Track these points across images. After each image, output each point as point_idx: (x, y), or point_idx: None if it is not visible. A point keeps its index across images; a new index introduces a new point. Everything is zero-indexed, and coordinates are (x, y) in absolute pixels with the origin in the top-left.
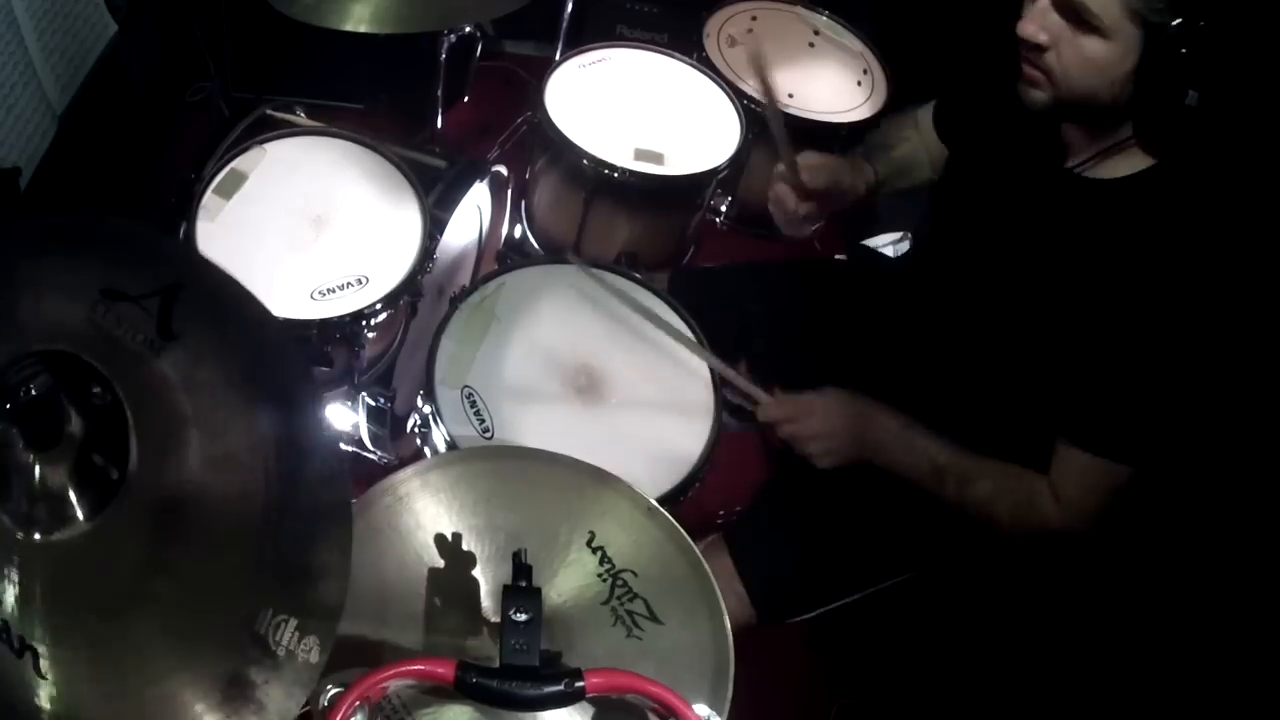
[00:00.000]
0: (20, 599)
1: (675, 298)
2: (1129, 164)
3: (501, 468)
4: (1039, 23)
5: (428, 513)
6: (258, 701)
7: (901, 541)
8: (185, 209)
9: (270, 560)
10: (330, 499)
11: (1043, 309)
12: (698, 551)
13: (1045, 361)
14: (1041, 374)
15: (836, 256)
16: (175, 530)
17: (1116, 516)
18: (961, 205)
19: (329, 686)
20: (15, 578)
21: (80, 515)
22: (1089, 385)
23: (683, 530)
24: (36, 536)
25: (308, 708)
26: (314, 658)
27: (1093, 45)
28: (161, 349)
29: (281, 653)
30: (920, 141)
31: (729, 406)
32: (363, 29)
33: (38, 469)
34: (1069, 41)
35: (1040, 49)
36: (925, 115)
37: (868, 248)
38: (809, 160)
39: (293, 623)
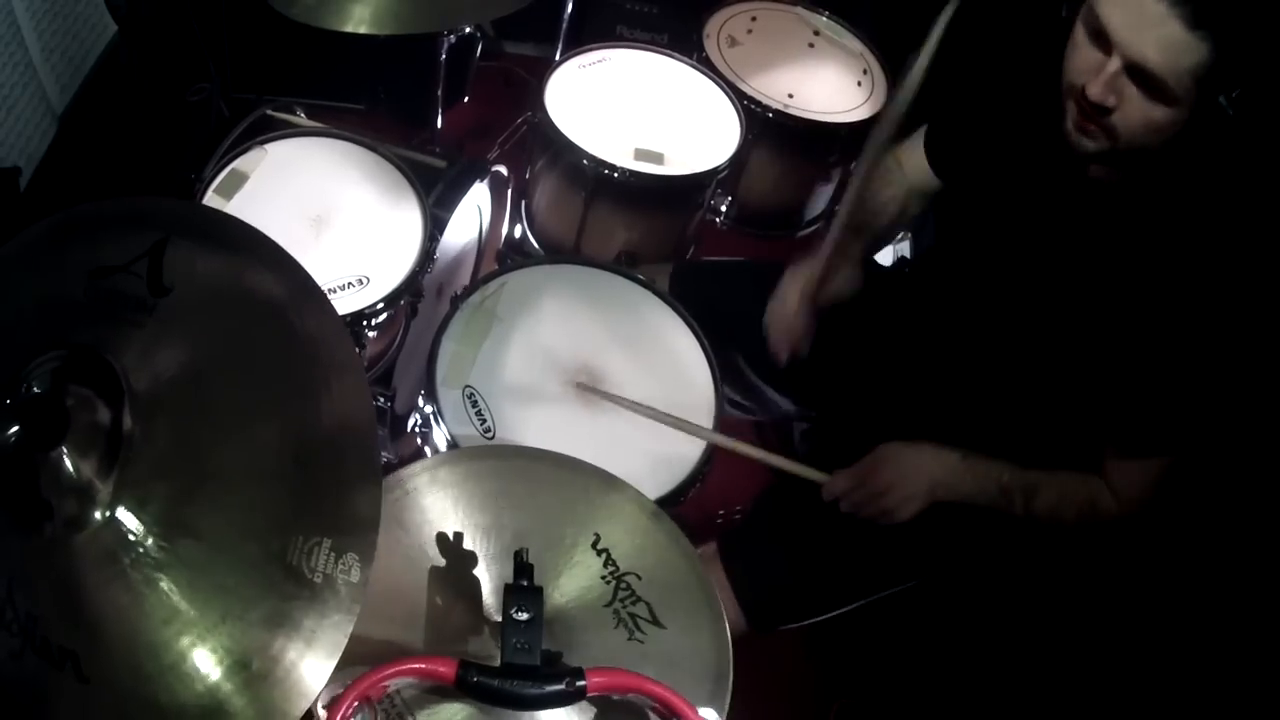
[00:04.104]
0: (56, 603)
1: (677, 290)
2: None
3: (509, 467)
4: (1110, 87)
5: (434, 509)
6: (305, 638)
7: (893, 554)
8: None
9: (292, 486)
10: (350, 406)
11: (1068, 312)
12: (700, 558)
13: (1061, 361)
14: (1056, 375)
15: None
16: (192, 485)
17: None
18: (970, 216)
19: (329, 686)
20: (48, 581)
21: (108, 497)
22: (1131, 395)
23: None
24: (62, 532)
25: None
26: (355, 576)
27: (1159, 111)
28: (155, 307)
29: (319, 579)
30: (903, 186)
31: (729, 400)
32: (363, 30)
33: (68, 462)
34: (1136, 104)
35: (1108, 110)
36: (910, 152)
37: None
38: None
39: (326, 543)
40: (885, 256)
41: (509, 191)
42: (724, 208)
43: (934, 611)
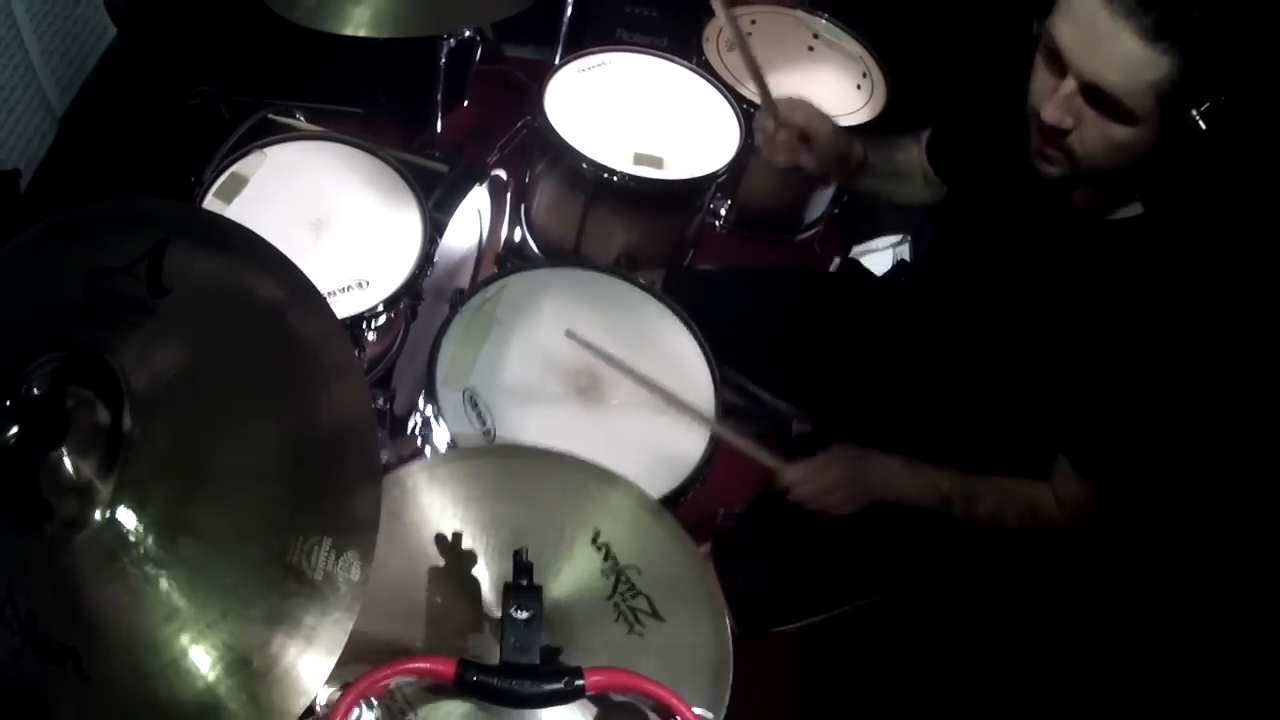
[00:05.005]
0: (56, 601)
1: (670, 296)
2: (1129, 209)
3: (508, 464)
4: (1065, 109)
5: (433, 507)
6: (305, 636)
7: (880, 560)
8: None
9: (292, 486)
10: (350, 407)
11: (1046, 336)
12: (700, 551)
13: (1043, 383)
14: (1039, 393)
15: (832, 268)
16: (192, 485)
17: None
18: (964, 229)
19: (330, 685)
20: (48, 580)
21: (107, 498)
22: (1088, 417)
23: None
24: (62, 532)
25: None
26: (355, 575)
27: (1119, 130)
28: (154, 308)
29: (319, 577)
30: (920, 159)
31: (727, 408)
32: (362, 33)
33: (68, 462)
34: (1093, 124)
35: (1064, 132)
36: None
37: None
38: (790, 100)
39: (326, 542)
40: (884, 261)
41: (508, 195)
42: (723, 211)
43: (931, 614)
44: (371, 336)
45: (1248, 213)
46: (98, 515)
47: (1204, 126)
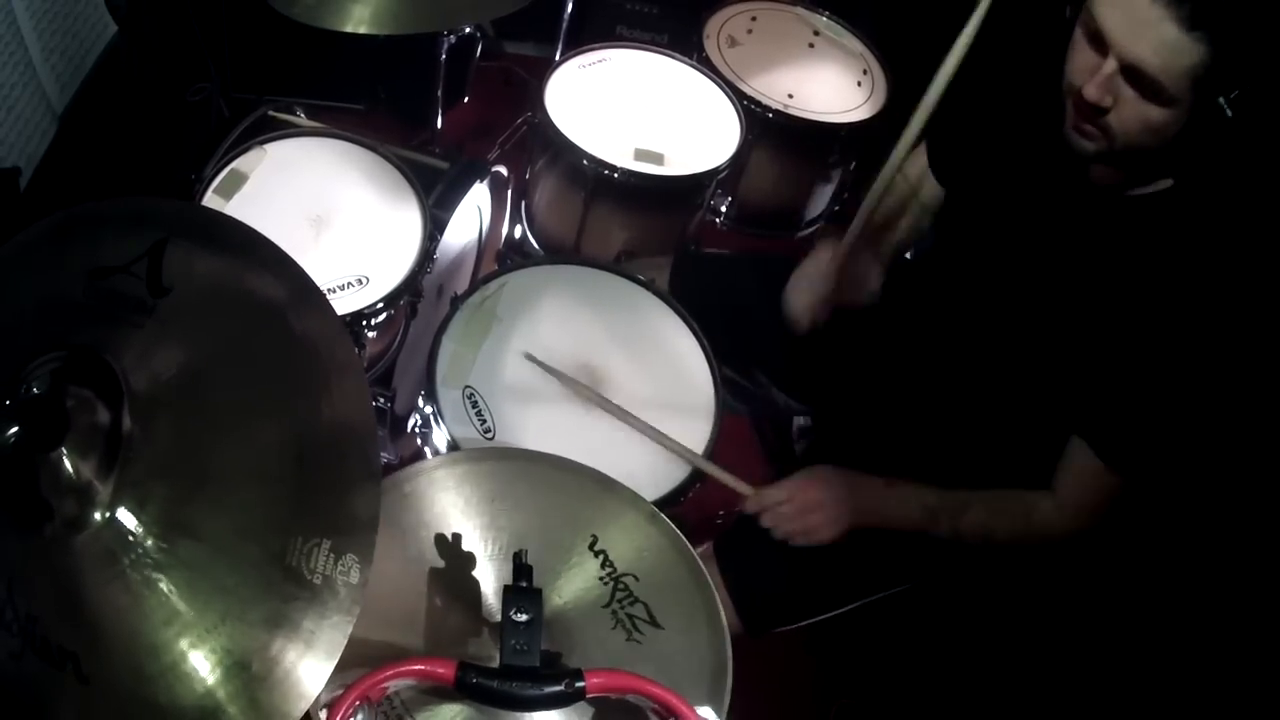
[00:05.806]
0: (55, 603)
1: (678, 283)
2: (1154, 185)
3: (508, 469)
4: (1106, 88)
5: (432, 510)
6: (304, 640)
7: (887, 557)
8: None
9: (291, 487)
10: (350, 406)
11: (1067, 320)
12: (699, 557)
13: (1059, 368)
14: (1053, 381)
15: None
16: (192, 486)
17: (1112, 521)
18: (973, 219)
19: (329, 688)
20: (48, 582)
21: (107, 498)
22: (1110, 394)
23: (684, 537)
24: (62, 533)
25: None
26: (354, 578)
27: (1155, 112)
28: (154, 307)
29: (318, 580)
30: (916, 203)
31: (731, 388)
32: (363, 30)
33: (68, 463)
34: (1132, 105)
35: (1103, 110)
36: (913, 167)
37: None
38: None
39: (325, 544)
40: None
41: (509, 192)
42: (724, 208)
43: (934, 612)
44: (371, 334)
45: (1272, 195)
46: (97, 516)
47: (1230, 114)
